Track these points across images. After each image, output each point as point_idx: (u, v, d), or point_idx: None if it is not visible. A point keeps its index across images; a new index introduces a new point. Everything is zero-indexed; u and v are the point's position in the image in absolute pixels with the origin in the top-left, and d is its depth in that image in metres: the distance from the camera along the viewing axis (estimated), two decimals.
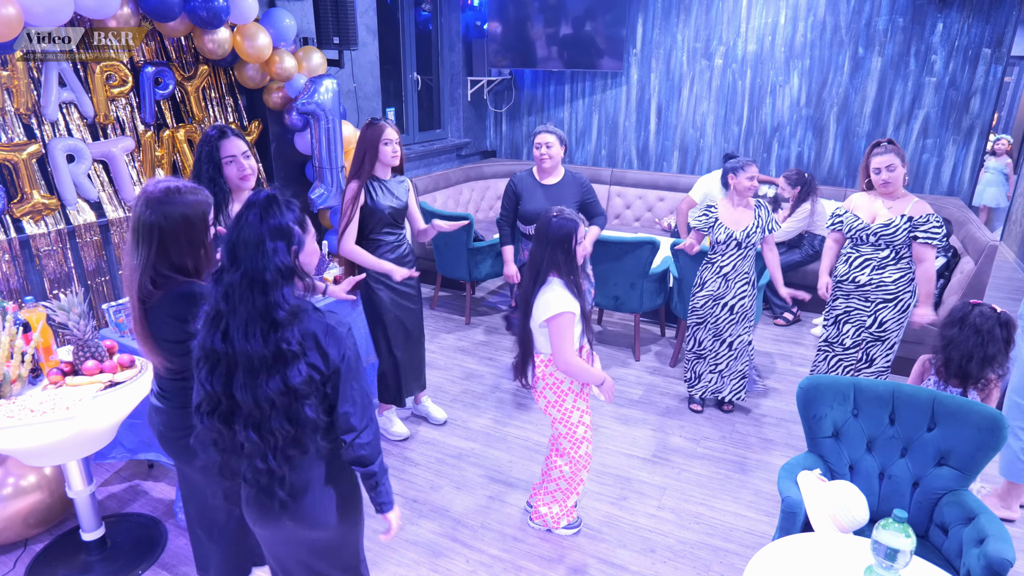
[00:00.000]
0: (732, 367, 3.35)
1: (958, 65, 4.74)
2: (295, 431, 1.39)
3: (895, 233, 2.79)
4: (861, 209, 2.93)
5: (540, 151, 3.31)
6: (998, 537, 1.72)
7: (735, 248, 3.15)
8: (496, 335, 4.49)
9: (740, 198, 3.16)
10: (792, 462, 2.11)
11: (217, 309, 1.36)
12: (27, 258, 2.85)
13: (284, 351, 1.34)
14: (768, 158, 5.49)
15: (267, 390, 1.34)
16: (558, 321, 2.11)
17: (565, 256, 2.14)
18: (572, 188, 3.38)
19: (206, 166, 2.25)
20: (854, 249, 2.94)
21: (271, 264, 1.32)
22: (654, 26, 5.59)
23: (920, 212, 2.77)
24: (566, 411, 2.32)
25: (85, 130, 3.03)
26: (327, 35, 3.80)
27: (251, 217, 1.33)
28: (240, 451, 1.40)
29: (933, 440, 2.04)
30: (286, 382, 1.34)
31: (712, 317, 3.27)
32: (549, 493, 2.51)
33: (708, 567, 2.41)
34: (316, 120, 3.62)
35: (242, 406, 1.36)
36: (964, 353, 2.21)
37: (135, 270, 1.61)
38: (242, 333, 1.33)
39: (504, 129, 6.55)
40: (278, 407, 1.36)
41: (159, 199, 1.60)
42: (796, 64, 5.19)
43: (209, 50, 3.27)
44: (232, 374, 1.36)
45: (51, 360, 2.17)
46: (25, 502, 2.42)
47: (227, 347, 1.35)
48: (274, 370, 1.34)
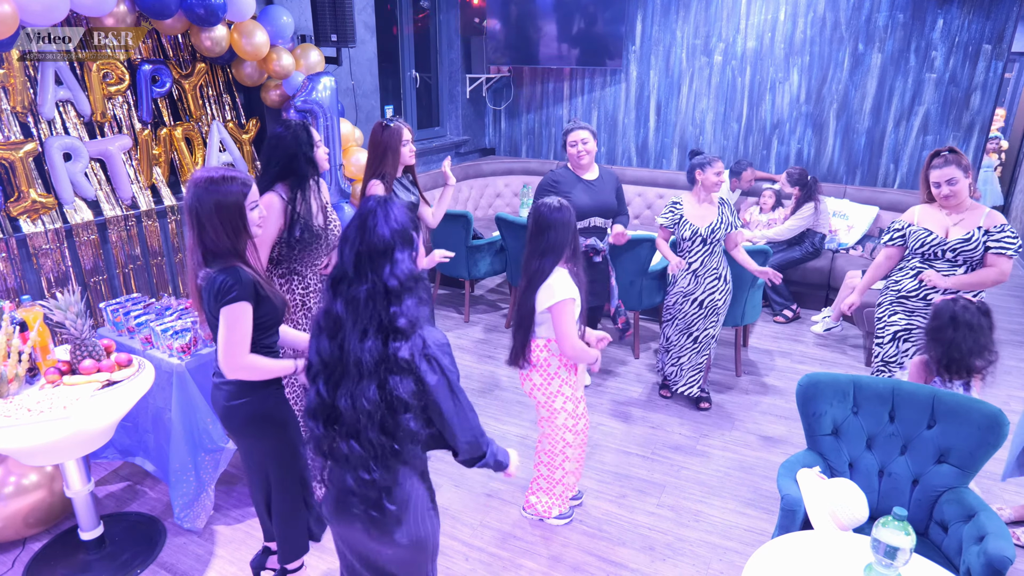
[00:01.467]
0: (692, 360, 3.39)
1: (958, 61, 4.72)
2: (391, 443, 1.36)
3: (975, 248, 2.59)
4: (931, 222, 2.69)
5: (577, 148, 3.28)
6: (998, 535, 1.72)
7: (700, 244, 3.18)
8: (495, 333, 4.48)
9: (706, 194, 3.19)
10: (792, 460, 2.11)
11: (336, 317, 1.33)
12: (24, 257, 2.84)
13: (396, 360, 1.31)
14: (768, 155, 5.48)
15: (365, 398, 1.31)
16: (561, 307, 2.18)
17: (575, 240, 2.25)
18: (610, 184, 3.41)
19: (307, 151, 2.39)
20: (925, 264, 2.70)
21: (399, 272, 1.31)
22: (653, 23, 5.58)
23: (994, 223, 2.60)
24: (550, 394, 2.38)
25: (82, 128, 3.02)
26: (325, 32, 3.78)
27: (374, 223, 1.31)
28: (346, 462, 1.38)
29: (933, 438, 2.03)
30: (389, 392, 1.31)
31: (681, 313, 3.32)
32: (535, 481, 2.58)
33: (707, 565, 2.40)
34: (314, 118, 3.61)
35: (343, 414, 1.34)
36: (966, 350, 2.21)
37: (190, 247, 1.77)
38: (359, 339, 1.31)
39: (503, 127, 6.54)
40: (374, 417, 1.33)
41: (197, 186, 1.73)
42: (796, 61, 5.17)
43: (206, 48, 3.26)
44: (339, 384, 1.35)
45: (48, 359, 2.17)
46: (25, 501, 2.42)
47: (343, 355, 1.33)
48: (375, 377, 1.31)
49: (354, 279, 1.32)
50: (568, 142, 3.31)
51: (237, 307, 1.73)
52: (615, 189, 3.41)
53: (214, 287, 1.73)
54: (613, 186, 3.41)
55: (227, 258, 1.77)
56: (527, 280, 2.27)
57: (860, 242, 4.84)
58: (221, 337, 1.76)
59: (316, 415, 1.39)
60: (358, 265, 1.31)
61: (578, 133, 3.28)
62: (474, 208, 5.90)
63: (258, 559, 2.28)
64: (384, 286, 1.31)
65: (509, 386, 3.73)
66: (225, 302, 1.72)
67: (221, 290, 1.72)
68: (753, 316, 3.87)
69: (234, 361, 1.77)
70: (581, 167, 3.35)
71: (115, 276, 3.22)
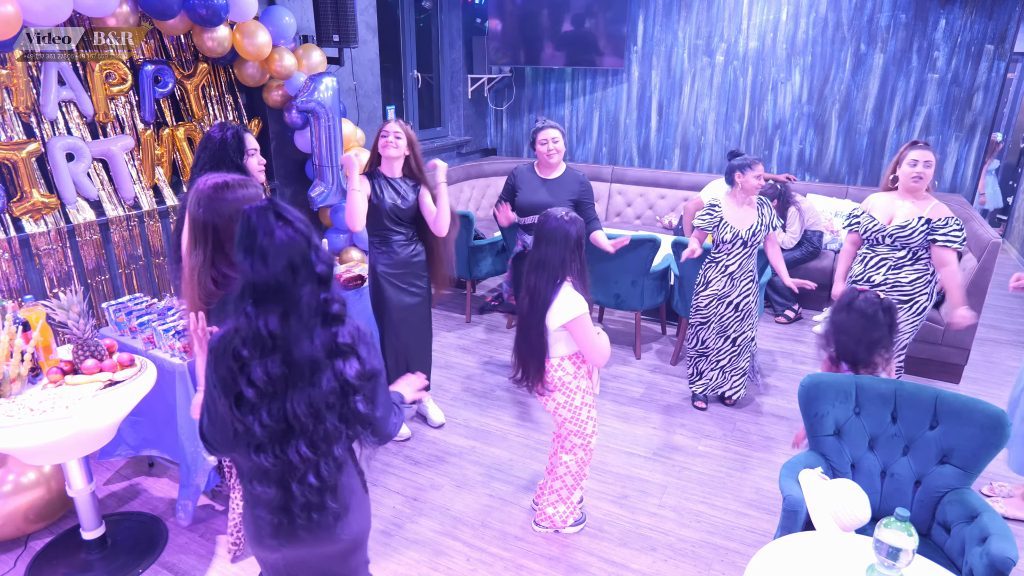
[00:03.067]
0: (734, 363, 3.35)
1: (961, 62, 4.72)
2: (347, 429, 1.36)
3: (911, 235, 2.73)
4: (878, 210, 2.87)
5: (547, 147, 3.30)
6: (1001, 535, 1.71)
7: (741, 247, 3.15)
8: (496, 333, 4.48)
9: (746, 196, 3.15)
10: (793, 460, 2.11)
11: (266, 336, 1.26)
12: (27, 257, 2.85)
13: (339, 345, 1.31)
14: (770, 156, 5.47)
15: (322, 390, 1.30)
16: (579, 322, 2.16)
17: (581, 254, 2.21)
18: (572, 184, 3.38)
19: (235, 157, 2.31)
20: (870, 249, 2.90)
21: (323, 256, 1.29)
22: (655, 23, 5.57)
23: (939, 215, 2.71)
24: (575, 409, 2.33)
25: (84, 129, 3.03)
26: (327, 33, 3.79)
27: (271, 223, 1.25)
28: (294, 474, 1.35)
29: (935, 438, 2.03)
30: (341, 377, 1.31)
31: (716, 316, 3.27)
32: (555, 492, 2.50)
33: (709, 566, 2.40)
34: (316, 118, 3.61)
35: (299, 419, 1.30)
36: (852, 337, 2.21)
37: (194, 270, 1.60)
38: (308, 339, 1.28)
39: (505, 127, 6.54)
40: (333, 407, 1.32)
41: (210, 196, 1.59)
42: (798, 61, 5.17)
43: (209, 48, 3.26)
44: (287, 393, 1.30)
45: (51, 359, 2.17)
46: (25, 498, 2.42)
47: (284, 369, 1.28)
48: (327, 366, 1.30)
49: (294, 283, 1.26)
50: (538, 140, 3.32)
51: None
52: (577, 192, 3.36)
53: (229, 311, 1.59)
54: (574, 188, 3.36)
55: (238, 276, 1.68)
56: (529, 297, 2.20)
57: None
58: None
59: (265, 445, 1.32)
60: (292, 267, 1.25)
61: (548, 132, 3.30)
62: (476, 208, 5.90)
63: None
64: (317, 277, 1.28)
65: (510, 386, 3.73)
66: None
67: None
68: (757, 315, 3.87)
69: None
70: (549, 166, 3.37)
71: (117, 276, 3.23)
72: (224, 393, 1.30)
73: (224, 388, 1.30)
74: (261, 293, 1.26)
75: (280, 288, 1.25)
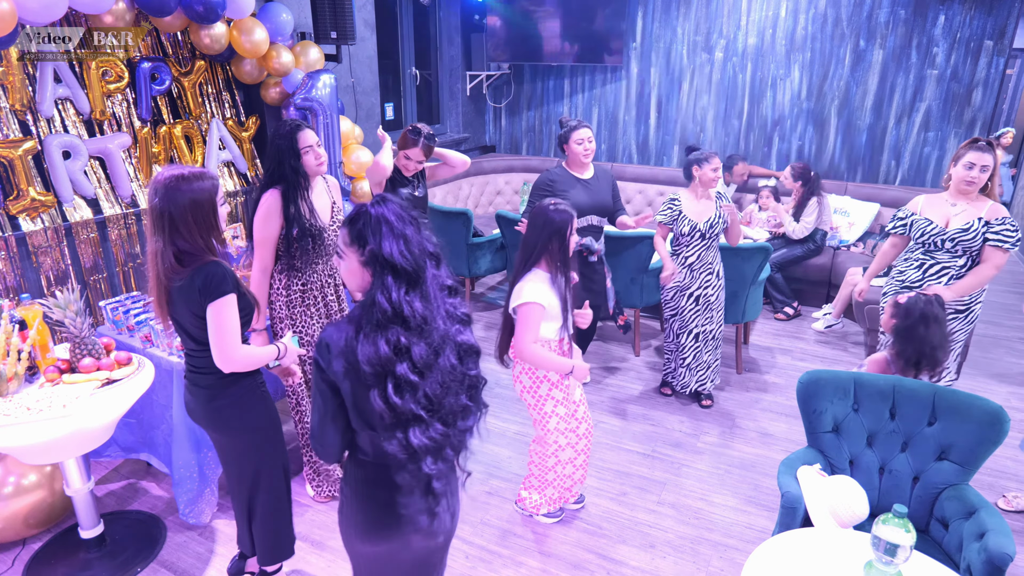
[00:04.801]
0: (698, 359, 3.39)
1: (960, 58, 4.71)
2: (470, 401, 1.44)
3: (974, 238, 2.61)
4: (932, 212, 2.73)
5: (584, 147, 3.25)
6: (998, 531, 1.71)
7: (699, 239, 3.19)
8: (495, 331, 4.46)
9: (704, 189, 3.19)
10: (792, 457, 2.11)
11: (422, 317, 1.32)
12: (23, 255, 2.84)
13: (460, 316, 1.41)
14: (769, 152, 5.46)
15: (451, 363, 1.37)
16: (525, 310, 2.17)
17: (560, 245, 2.19)
18: (606, 182, 3.40)
19: (289, 157, 2.35)
20: (927, 255, 2.73)
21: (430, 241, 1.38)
22: (654, 19, 5.56)
23: (996, 215, 2.62)
24: (540, 398, 2.35)
25: (81, 126, 3.02)
26: (324, 30, 3.77)
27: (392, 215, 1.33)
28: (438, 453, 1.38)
29: (934, 434, 2.03)
30: (466, 345, 1.41)
31: (678, 310, 3.34)
32: (529, 476, 2.58)
33: (708, 562, 2.40)
34: (314, 116, 3.60)
35: (435, 400, 1.35)
36: (936, 345, 2.21)
37: (155, 254, 1.74)
38: (443, 320, 1.37)
39: (503, 124, 6.53)
40: (461, 380, 1.40)
41: (167, 186, 1.70)
42: (797, 57, 5.16)
43: (205, 45, 3.25)
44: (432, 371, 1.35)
45: (48, 358, 2.17)
46: (25, 501, 2.42)
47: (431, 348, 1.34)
48: (451, 340, 1.38)
49: (423, 271, 1.34)
50: (574, 139, 3.26)
51: (229, 299, 1.76)
52: (611, 187, 3.41)
53: (200, 283, 1.73)
54: (609, 184, 3.41)
55: (202, 256, 1.76)
56: (513, 276, 2.30)
57: (861, 239, 4.82)
58: (217, 331, 1.76)
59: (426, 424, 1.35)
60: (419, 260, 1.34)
61: (584, 131, 3.26)
62: (474, 206, 5.89)
63: (235, 564, 2.27)
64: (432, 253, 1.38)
65: (508, 383, 3.72)
66: (217, 295, 1.73)
67: (210, 285, 1.73)
68: (754, 313, 3.86)
69: (232, 353, 1.79)
70: (582, 165, 3.34)
71: (115, 274, 3.22)
72: (377, 383, 1.30)
73: (376, 378, 1.29)
74: (408, 279, 1.32)
75: (419, 273, 1.34)
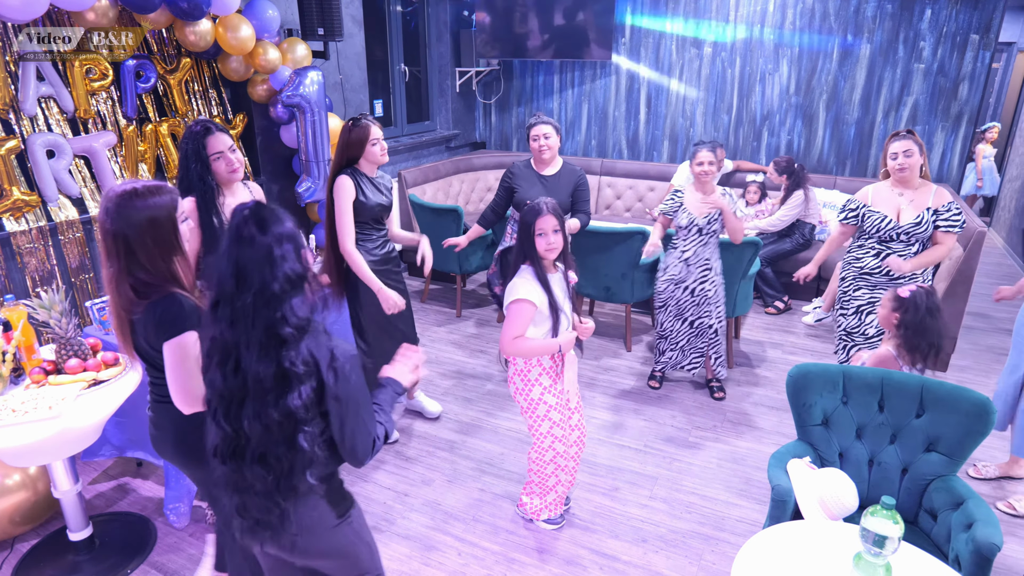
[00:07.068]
0: (693, 343, 3.42)
1: (946, 52, 4.74)
2: (294, 460, 1.31)
3: (925, 230, 2.75)
4: (883, 204, 2.84)
5: (539, 143, 3.31)
6: (986, 522, 1.73)
7: (696, 234, 3.20)
8: (487, 328, 4.47)
9: (699, 184, 3.20)
10: (782, 450, 2.12)
11: (223, 344, 1.25)
12: (8, 256, 2.81)
13: (288, 371, 1.25)
14: (758, 147, 5.48)
15: (272, 415, 1.26)
16: (513, 307, 2.16)
17: (529, 245, 2.17)
18: (568, 181, 3.40)
19: (194, 163, 2.23)
20: (882, 245, 2.85)
21: (280, 273, 1.23)
22: (643, 15, 5.56)
23: (942, 201, 2.76)
24: (532, 401, 2.32)
25: (65, 125, 2.98)
26: (312, 26, 3.75)
27: (250, 230, 1.23)
28: (252, 490, 1.33)
29: (922, 426, 2.04)
30: (286, 406, 1.26)
31: (674, 300, 3.35)
32: (529, 483, 2.54)
33: (700, 556, 2.41)
34: (302, 113, 3.58)
35: (251, 437, 1.28)
36: (940, 333, 2.28)
37: (111, 281, 1.55)
38: (255, 357, 1.24)
39: (493, 120, 6.51)
40: (283, 432, 1.28)
41: (120, 205, 1.51)
42: (785, 52, 5.18)
43: (191, 42, 3.22)
44: (242, 405, 1.28)
45: (33, 359, 2.14)
46: (10, 501, 2.39)
47: (239, 379, 1.26)
48: (278, 392, 1.26)
49: (237, 293, 1.23)
50: (530, 136, 3.34)
51: (187, 336, 1.53)
52: (573, 186, 3.40)
53: (156, 318, 1.53)
54: (571, 184, 3.40)
55: (163, 285, 1.55)
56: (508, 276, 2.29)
57: None
58: (172, 370, 1.54)
59: (219, 450, 1.32)
60: (239, 276, 1.22)
61: (540, 128, 3.31)
62: (465, 202, 5.88)
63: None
64: (267, 290, 1.23)
65: (501, 380, 3.73)
66: (173, 332, 1.52)
67: (165, 321, 1.52)
68: (744, 308, 3.88)
69: (194, 393, 1.55)
70: (542, 162, 3.38)
71: (101, 274, 3.19)
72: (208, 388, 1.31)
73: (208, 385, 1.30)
74: (216, 295, 1.25)
75: (227, 295, 1.24)
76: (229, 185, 2.34)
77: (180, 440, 1.72)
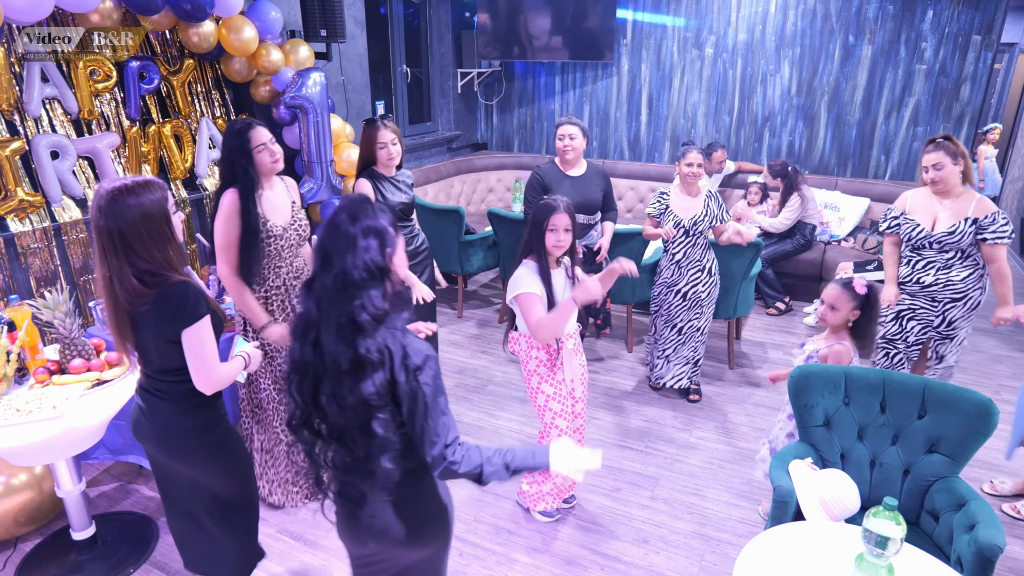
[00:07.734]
0: (679, 352, 3.41)
1: (948, 52, 4.73)
2: (370, 445, 1.34)
3: (960, 239, 2.64)
4: (919, 212, 2.76)
5: (564, 143, 3.30)
6: (988, 523, 1.73)
7: (683, 236, 3.20)
8: (488, 328, 4.48)
9: (687, 185, 3.20)
10: (784, 451, 2.12)
11: (307, 319, 1.32)
12: (12, 256, 2.82)
13: (363, 358, 1.28)
14: (759, 148, 5.48)
15: (349, 399, 1.30)
16: (522, 299, 2.22)
17: (537, 234, 2.23)
18: (596, 180, 3.41)
19: (239, 158, 2.28)
20: (915, 252, 2.78)
21: (360, 262, 1.28)
22: (644, 15, 5.56)
23: (984, 212, 2.62)
24: (532, 389, 2.42)
25: (69, 126, 2.99)
26: (314, 27, 3.76)
27: (342, 218, 1.30)
28: (331, 465, 1.38)
29: (924, 427, 2.04)
30: (360, 391, 1.30)
31: (666, 304, 3.35)
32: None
33: (701, 557, 2.41)
34: (304, 114, 3.59)
35: (328, 416, 1.33)
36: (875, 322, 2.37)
37: (108, 279, 1.58)
38: (332, 338, 1.29)
39: (495, 121, 6.52)
40: (359, 417, 1.32)
41: (112, 202, 1.55)
42: (787, 53, 5.18)
43: (194, 44, 3.23)
44: (320, 383, 1.33)
45: (37, 359, 2.15)
46: (15, 501, 2.40)
47: (318, 357, 1.31)
48: (354, 378, 1.30)
49: (321, 273, 1.31)
50: (557, 135, 3.35)
51: (204, 321, 1.64)
52: (602, 186, 3.42)
53: (173, 307, 1.60)
54: (599, 183, 3.42)
55: (164, 272, 1.62)
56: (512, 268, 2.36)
57: (851, 234, 4.85)
58: (197, 356, 1.64)
59: (293, 420, 1.37)
60: (324, 259, 1.30)
61: (566, 128, 3.31)
62: (466, 203, 5.88)
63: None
64: (349, 277, 1.28)
65: (503, 381, 3.73)
66: (193, 319, 1.61)
67: (184, 309, 1.60)
68: (745, 309, 3.88)
69: (215, 376, 1.68)
70: (566, 162, 3.38)
71: None
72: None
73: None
74: (312, 275, 1.33)
75: (317, 275, 1.31)
76: (269, 177, 2.42)
77: (165, 436, 1.77)
